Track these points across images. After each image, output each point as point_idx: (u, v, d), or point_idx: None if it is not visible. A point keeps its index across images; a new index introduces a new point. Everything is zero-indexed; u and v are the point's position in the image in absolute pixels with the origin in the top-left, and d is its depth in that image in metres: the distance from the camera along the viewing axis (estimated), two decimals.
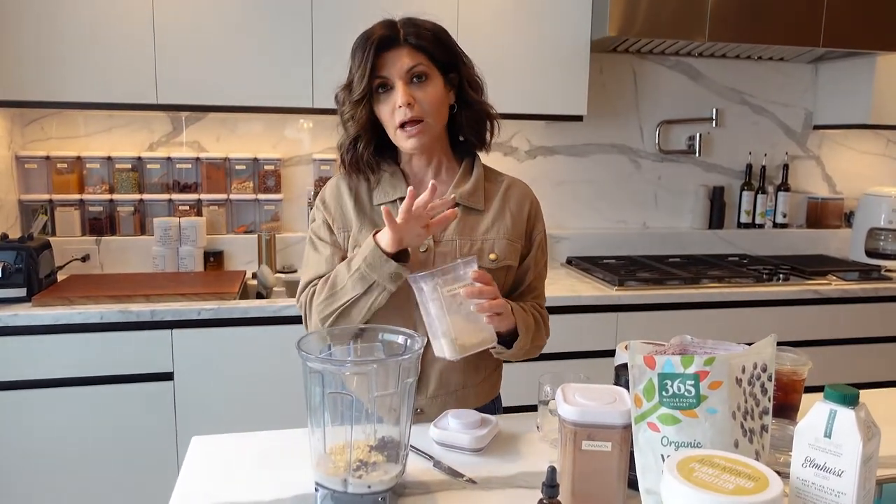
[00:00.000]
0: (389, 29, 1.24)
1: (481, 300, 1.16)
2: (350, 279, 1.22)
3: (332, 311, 1.25)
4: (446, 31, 1.30)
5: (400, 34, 1.23)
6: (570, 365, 2.38)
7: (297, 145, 2.80)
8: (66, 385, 2.11)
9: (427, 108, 1.25)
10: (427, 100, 1.25)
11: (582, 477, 0.95)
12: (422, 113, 1.25)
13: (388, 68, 1.23)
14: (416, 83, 1.24)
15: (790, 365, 1.25)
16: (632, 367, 0.90)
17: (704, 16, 2.60)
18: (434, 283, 1.15)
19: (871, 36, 2.76)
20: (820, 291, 2.65)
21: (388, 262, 1.18)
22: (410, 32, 1.23)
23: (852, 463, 0.78)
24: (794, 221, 3.32)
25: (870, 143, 3.36)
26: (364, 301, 1.22)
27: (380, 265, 1.18)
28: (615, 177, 3.10)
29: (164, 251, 2.60)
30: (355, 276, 1.21)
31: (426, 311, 1.17)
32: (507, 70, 2.58)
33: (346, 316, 1.25)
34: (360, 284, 1.21)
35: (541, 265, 1.41)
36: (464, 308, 1.16)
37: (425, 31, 1.25)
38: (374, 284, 1.20)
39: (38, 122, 2.59)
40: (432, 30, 1.27)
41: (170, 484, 1.09)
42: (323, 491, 0.97)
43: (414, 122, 1.25)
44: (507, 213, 1.35)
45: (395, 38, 1.23)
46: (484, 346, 1.20)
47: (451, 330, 1.15)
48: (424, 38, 1.24)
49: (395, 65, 1.23)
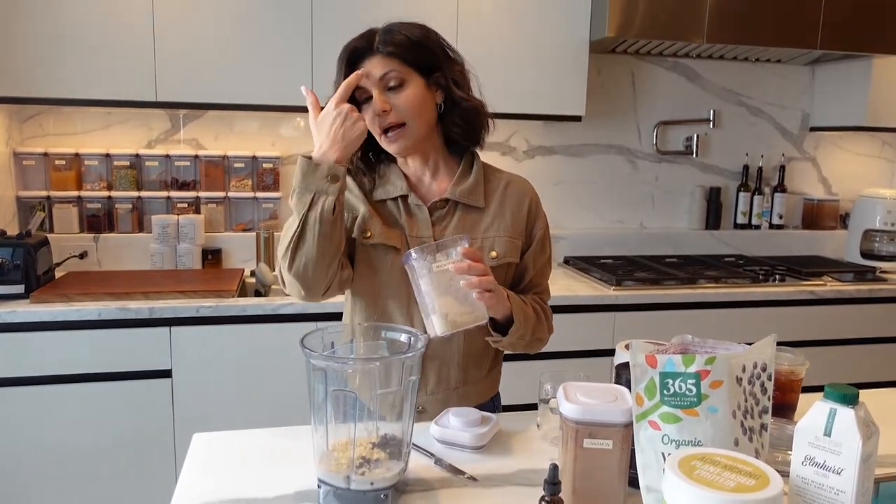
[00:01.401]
0: (364, 39, 1.25)
1: (470, 276, 1.15)
2: (293, 204, 1.19)
3: (287, 246, 1.20)
4: (428, 33, 1.29)
5: (373, 43, 1.24)
6: (567, 364, 2.39)
7: (296, 143, 2.80)
8: (63, 382, 2.11)
9: (405, 112, 1.25)
10: (404, 104, 1.25)
11: (583, 474, 0.96)
12: (400, 117, 1.25)
13: (364, 78, 1.24)
14: (392, 89, 1.25)
15: (788, 365, 1.26)
16: (633, 366, 0.91)
17: (703, 17, 2.61)
18: (424, 259, 1.15)
19: (868, 39, 2.78)
20: (815, 292, 2.66)
21: (320, 165, 1.17)
22: (383, 40, 1.24)
23: (852, 461, 0.79)
24: (790, 222, 3.34)
25: (865, 145, 3.38)
26: (312, 217, 1.17)
27: (312, 170, 1.17)
28: (613, 177, 3.11)
29: (162, 249, 2.60)
30: (295, 198, 1.18)
31: (418, 289, 1.16)
32: (506, 70, 2.59)
33: (302, 247, 1.19)
34: (302, 202, 1.17)
35: (542, 261, 1.41)
36: (454, 284, 1.15)
37: (399, 37, 1.25)
38: (316, 195, 1.17)
39: (36, 118, 2.58)
40: (407, 34, 1.26)
41: (168, 481, 1.10)
42: (325, 487, 0.98)
43: (395, 126, 1.26)
44: (507, 211, 1.36)
45: (369, 48, 1.24)
46: (475, 324, 1.18)
47: (442, 305, 1.15)
48: (397, 45, 1.24)
49: (370, 74, 1.24)
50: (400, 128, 1.26)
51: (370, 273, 1.32)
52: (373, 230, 1.30)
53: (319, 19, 2.41)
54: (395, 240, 1.30)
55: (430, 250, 1.16)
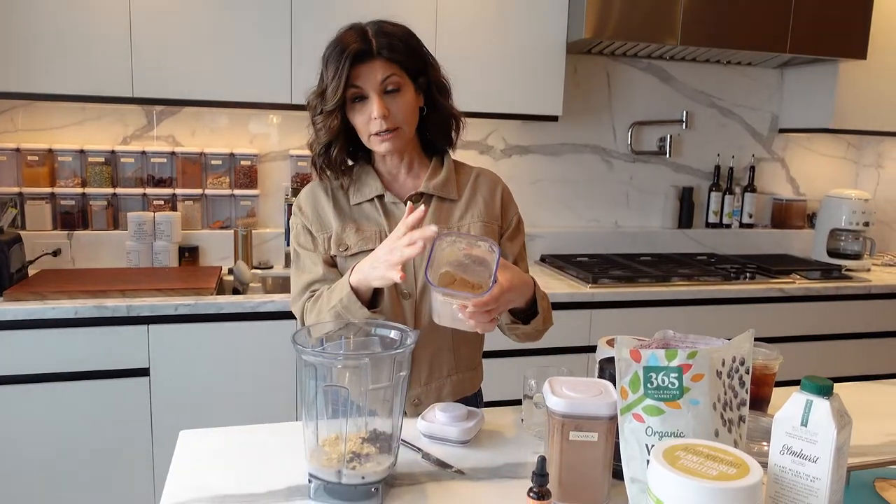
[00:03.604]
0: (362, 40, 1.25)
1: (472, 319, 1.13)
2: (330, 311, 1.24)
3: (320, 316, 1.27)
4: (415, 36, 1.32)
5: (373, 46, 1.25)
6: (544, 360, 2.43)
7: (274, 141, 2.79)
8: (39, 381, 2.08)
9: (401, 117, 1.28)
10: (401, 109, 1.28)
11: (569, 466, 0.99)
12: (396, 122, 1.28)
13: (363, 80, 1.25)
14: (390, 93, 1.27)
15: (762, 359, 1.30)
16: (618, 361, 0.93)
17: (676, 20, 2.67)
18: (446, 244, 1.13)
19: (835, 43, 2.86)
20: (784, 290, 2.74)
21: (362, 308, 1.20)
22: (384, 44, 1.25)
23: (827, 450, 0.83)
24: (760, 222, 3.42)
25: (832, 146, 3.48)
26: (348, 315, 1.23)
27: (354, 309, 1.21)
28: (588, 176, 3.16)
29: (138, 246, 2.58)
30: (333, 312, 1.23)
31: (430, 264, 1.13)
32: (485, 70, 2.61)
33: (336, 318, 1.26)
34: (339, 318, 1.22)
35: (519, 245, 1.45)
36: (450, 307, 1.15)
37: (397, 42, 1.27)
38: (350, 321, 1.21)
39: (8, 113, 2.54)
40: (403, 38, 1.28)
41: (145, 480, 1.10)
42: (316, 482, 0.99)
43: (388, 130, 1.28)
44: (480, 198, 1.41)
45: (369, 51, 1.24)
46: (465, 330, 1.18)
47: (437, 315, 1.17)
48: (397, 50, 1.26)
49: (370, 78, 1.25)
50: (393, 131, 1.28)
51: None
52: (349, 242, 1.34)
53: (299, 16, 2.40)
54: (372, 242, 1.33)
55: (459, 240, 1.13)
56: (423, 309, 1.34)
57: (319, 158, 1.33)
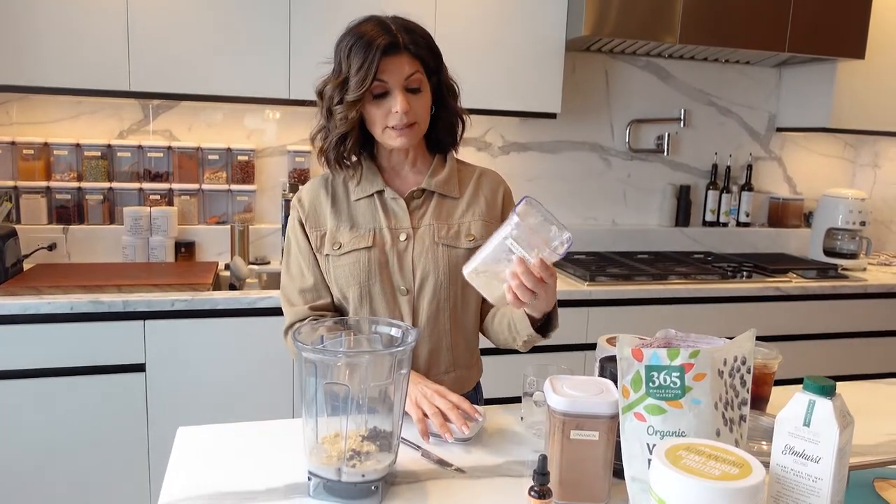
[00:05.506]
0: (388, 34, 1.24)
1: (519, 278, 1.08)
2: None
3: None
4: (432, 36, 1.33)
5: (400, 40, 1.24)
6: (542, 358, 2.42)
7: (272, 136, 2.78)
8: (35, 376, 2.06)
9: (420, 113, 1.29)
10: (421, 106, 1.29)
11: (569, 465, 0.98)
12: (415, 118, 1.28)
13: (389, 74, 1.24)
14: (412, 89, 1.27)
15: (762, 359, 1.30)
16: (620, 360, 0.93)
17: (675, 18, 2.66)
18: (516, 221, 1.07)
19: (833, 43, 2.86)
20: (781, 288, 2.74)
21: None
22: (409, 40, 1.25)
23: (830, 450, 0.83)
24: (757, 220, 3.43)
25: (829, 146, 3.48)
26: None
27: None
28: (586, 174, 3.16)
29: (134, 241, 2.56)
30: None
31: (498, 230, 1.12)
32: (484, 66, 2.60)
33: None
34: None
35: None
36: (503, 262, 1.10)
37: (421, 39, 1.28)
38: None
39: (3, 106, 2.52)
40: (425, 36, 1.30)
41: (141, 476, 1.09)
42: (316, 480, 0.99)
43: (406, 125, 1.28)
44: (482, 197, 1.41)
45: (397, 45, 1.24)
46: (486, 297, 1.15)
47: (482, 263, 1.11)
48: (421, 46, 1.27)
49: (396, 72, 1.24)
50: (411, 126, 1.28)
51: (352, 275, 1.33)
52: (342, 240, 1.33)
53: (297, 10, 2.39)
54: (365, 240, 1.33)
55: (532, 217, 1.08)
56: (420, 306, 1.34)
57: (333, 151, 1.32)
